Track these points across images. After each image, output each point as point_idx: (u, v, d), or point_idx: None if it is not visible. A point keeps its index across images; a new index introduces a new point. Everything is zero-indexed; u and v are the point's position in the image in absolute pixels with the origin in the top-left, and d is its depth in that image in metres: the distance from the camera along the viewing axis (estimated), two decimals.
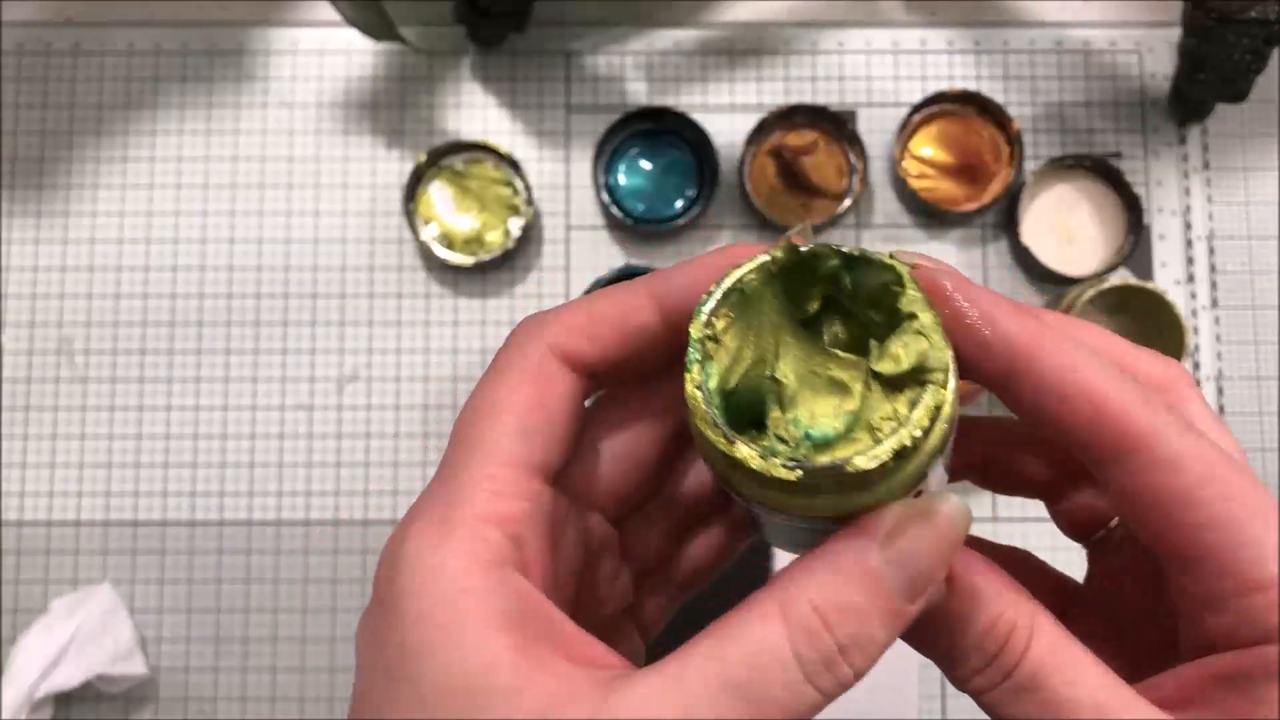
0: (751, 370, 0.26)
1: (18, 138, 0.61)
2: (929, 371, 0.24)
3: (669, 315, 0.27)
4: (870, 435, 0.25)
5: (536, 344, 0.26)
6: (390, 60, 0.61)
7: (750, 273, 0.26)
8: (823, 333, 0.27)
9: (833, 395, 0.26)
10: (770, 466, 0.24)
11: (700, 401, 0.25)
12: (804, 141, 0.59)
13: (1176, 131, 0.61)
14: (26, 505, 0.58)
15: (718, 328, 0.25)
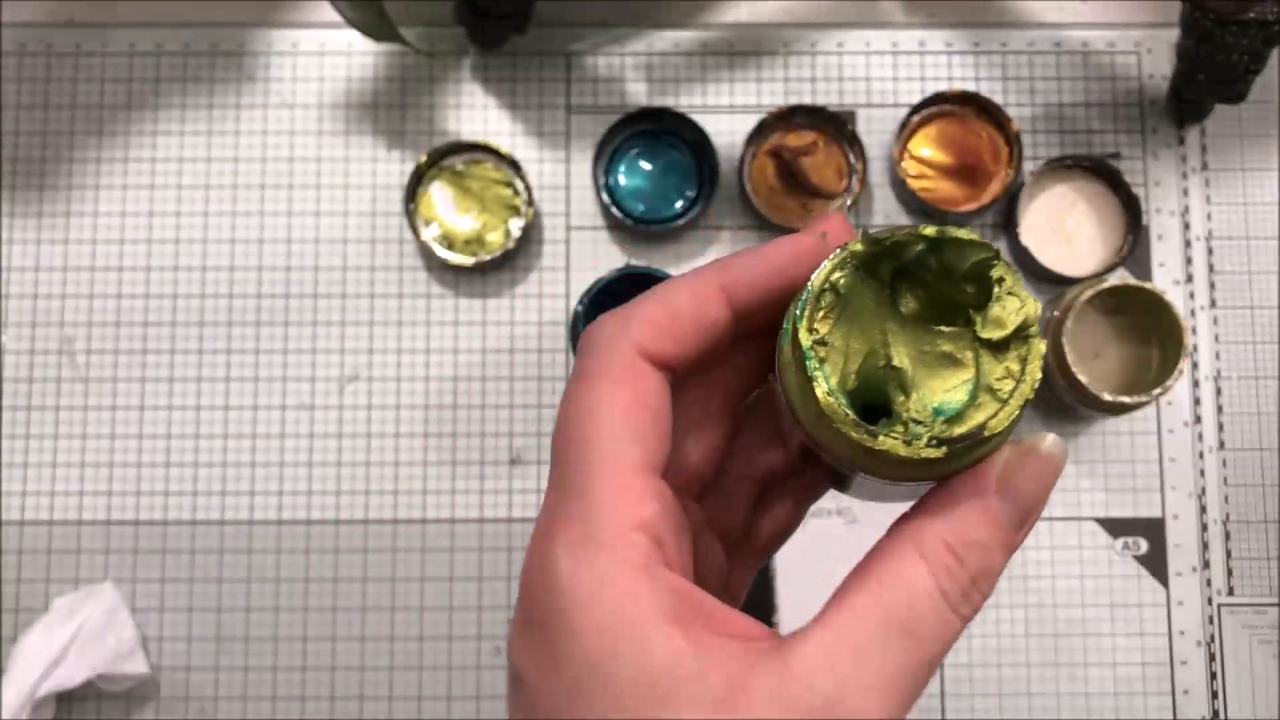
0: (866, 362, 0.28)
1: (19, 138, 0.61)
2: (1029, 326, 0.27)
3: (737, 307, 0.28)
4: (993, 397, 0.27)
5: (624, 345, 0.27)
6: (391, 61, 0.61)
7: (836, 270, 0.27)
8: (899, 304, 0.28)
9: (947, 369, 0.28)
10: (916, 450, 0.26)
11: (836, 407, 0.26)
12: (803, 142, 0.59)
13: (1175, 132, 0.61)
14: (28, 505, 0.58)
15: (822, 331, 0.27)
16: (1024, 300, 0.27)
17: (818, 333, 0.27)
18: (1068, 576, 0.57)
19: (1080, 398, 0.53)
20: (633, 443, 0.26)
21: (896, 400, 0.28)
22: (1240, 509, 0.58)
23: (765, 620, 0.56)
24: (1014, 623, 0.57)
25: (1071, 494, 0.58)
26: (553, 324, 0.59)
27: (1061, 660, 0.57)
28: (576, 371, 0.27)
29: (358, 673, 0.57)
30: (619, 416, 0.26)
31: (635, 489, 0.25)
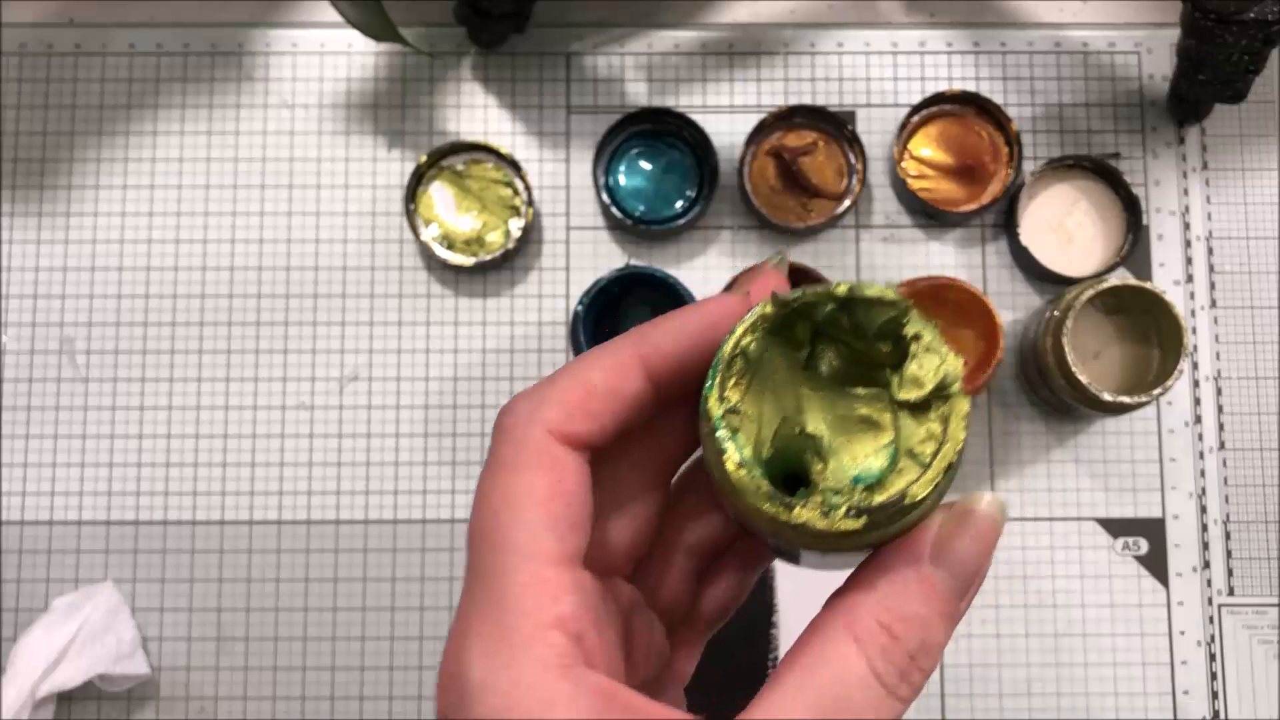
0: (781, 430, 0.26)
1: (19, 138, 0.61)
2: (951, 384, 0.25)
3: (658, 376, 0.27)
4: (915, 461, 0.25)
5: (536, 431, 0.26)
6: (391, 61, 0.61)
7: (747, 335, 0.26)
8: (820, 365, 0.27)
9: (866, 433, 0.26)
10: (834, 522, 0.24)
11: (747, 479, 0.24)
12: (803, 142, 0.59)
13: (1175, 132, 0.61)
14: (28, 505, 0.58)
15: (733, 399, 0.25)
16: (944, 357, 0.25)
17: (729, 401, 0.25)
18: (1068, 576, 0.57)
19: (1080, 398, 0.53)
20: (547, 534, 0.25)
21: (814, 469, 0.26)
22: (1240, 509, 0.58)
23: (765, 620, 0.56)
24: (1014, 622, 0.57)
25: (1072, 494, 0.58)
26: (552, 324, 0.59)
27: (1062, 660, 0.57)
28: (490, 460, 0.26)
29: (358, 673, 0.57)
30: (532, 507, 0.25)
31: (551, 583, 0.24)
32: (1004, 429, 0.59)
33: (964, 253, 0.60)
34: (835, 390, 0.27)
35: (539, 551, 0.24)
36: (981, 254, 0.60)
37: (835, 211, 0.59)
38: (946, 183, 0.60)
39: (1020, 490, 0.58)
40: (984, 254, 0.60)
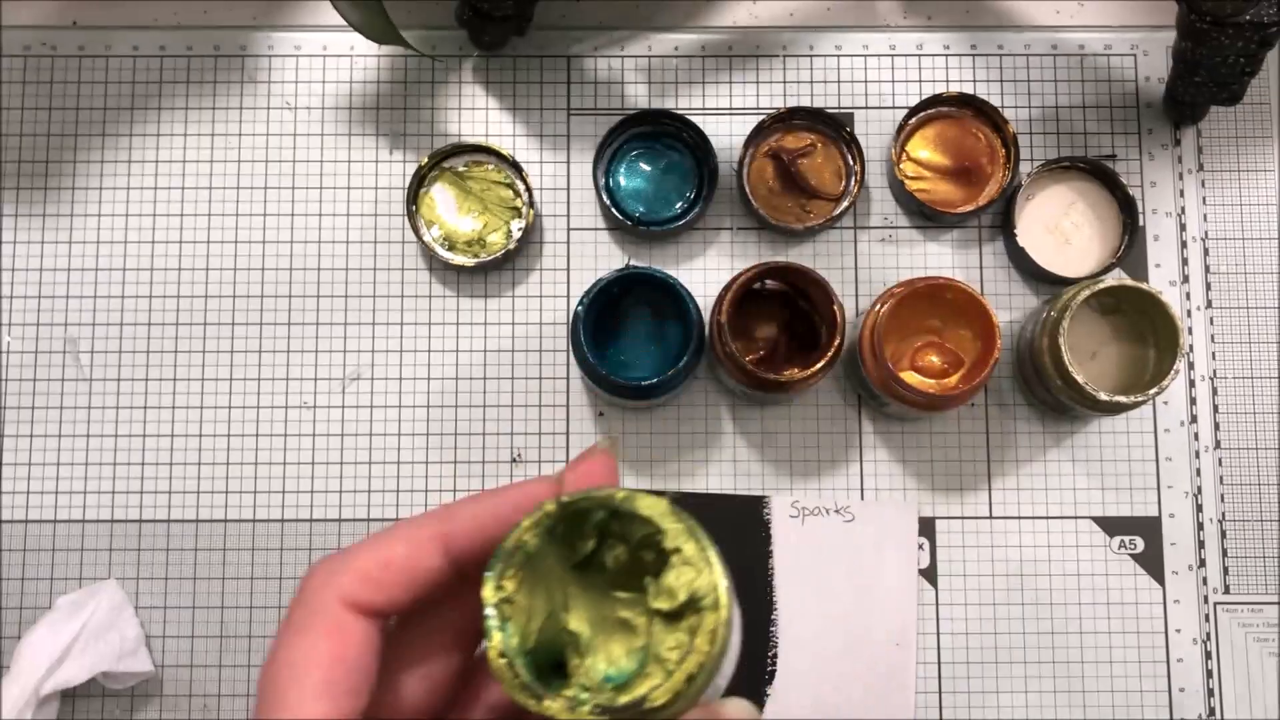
0: (547, 623, 0.28)
1: (23, 140, 0.61)
2: (702, 599, 0.27)
3: (454, 555, 0.28)
4: (662, 668, 0.27)
5: (329, 597, 0.27)
6: (393, 63, 0.62)
7: (528, 531, 0.27)
8: (606, 559, 0.29)
9: (623, 635, 0.28)
10: (581, 716, 0.26)
11: (505, 669, 0.26)
12: (802, 144, 0.60)
13: (1171, 134, 0.62)
14: (32, 503, 0.58)
15: (508, 589, 0.27)
16: (699, 571, 0.27)
17: (504, 590, 0.27)
18: (1064, 575, 0.58)
19: (1077, 397, 0.54)
20: (320, 699, 0.26)
21: (571, 663, 0.28)
22: (1236, 508, 0.58)
23: (764, 619, 0.56)
24: (1011, 621, 0.57)
25: (1068, 493, 0.58)
26: (553, 324, 0.60)
27: (1058, 658, 0.57)
28: (285, 620, 0.28)
29: None
30: (310, 672, 0.27)
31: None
32: (1001, 428, 0.59)
33: (961, 253, 0.60)
34: (600, 591, 0.29)
35: (304, 714, 0.26)
36: (979, 255, 0.60)
37: (833, 213, 0.59)
38: (944, 184, 0.60)
39: (1017, 489, 0.58)
40: (981, 255, 0.60)
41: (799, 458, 0.59)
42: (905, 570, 0.57)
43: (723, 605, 0.27)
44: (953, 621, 0.57)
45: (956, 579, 0.58)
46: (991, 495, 0.58)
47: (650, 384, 0.52)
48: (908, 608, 0.57)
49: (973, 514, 0.58)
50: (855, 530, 0.57)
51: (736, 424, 0.59)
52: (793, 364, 0.56)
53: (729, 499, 0.58)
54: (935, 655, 0.57)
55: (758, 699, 0.56)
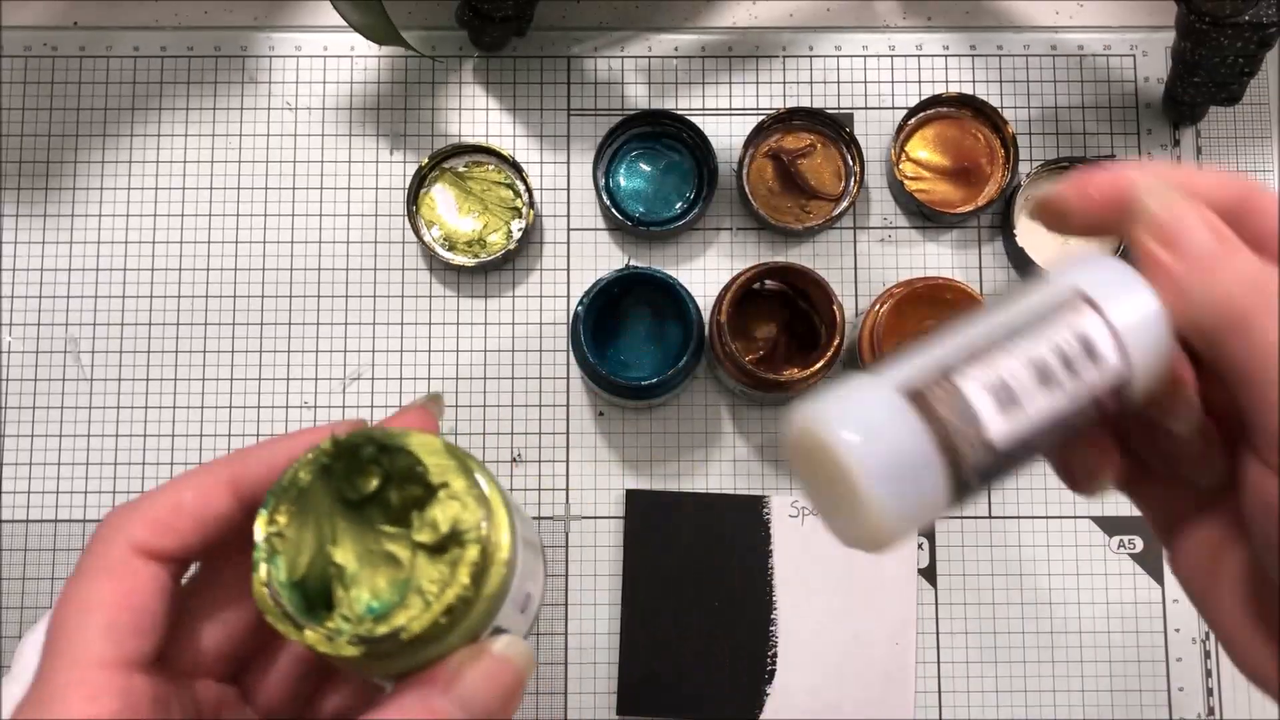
0: (316, 556, 0.29)
1: (24, 140, 0.61)
2: (465, 532, 0.27)
3: (245, 499, 0.29)
4: (421, 599, 0.27)
5: (118, 541, 0.28)
6: (393, 64, 0.62)
7: (303, 468, 0.28)
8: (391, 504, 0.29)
9: (389, 569, 0.29)
10: (337, 647, 0.26)
11: (267, 598, 0.27)
12: (801, 144, 0.60)
13: (1170, 134, 0.62)
14: (33, 503, 0.58)
15: (281, 523, 0.28)
16: (465, 506, 0.27)
17: (277, 524, 0.28)
18: (1064, 574, 0.58)
19: None
20: (101, 640, 0.27)
21: (337, 594, 0.29)
22: None
23: (764, 618, 0.56)
24: (1010, 620, 0.57)
25: (1068, 492, 0.58)
26: (553, 324, 0.60)
27: (1058, 658, 0.57)
28: (77, 564, 0.28)
29: None
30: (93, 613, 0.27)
31: (90, 685, 0.26)
32: None
33: (961, 254, 0.60)
34: (368, 526, 0.29)
35: (87, 655, 0.26)
36: (978, 255, 0.61)
37: (833, 213, 0.59)
38: (943, 184, 0.60)
39: (1016, 489, 0.59)
40: (980, 255, 0.61)
41: None
42: (905, 570, 0.57)
43: (497, 545, 0.27)
44: (952, 621, 0.57)
45: (956, 578, 0.58)
46: (990, 495, 0.58)
47: (650, 384, 0.53)
48: (907, 607, 0.57)
49: (972, 513, 0.58)
50: None
51: (736, 424, 0.59)
52: (792, 364, 0.56)
53: (729, 499, 0.58)
54: (935, 654, 0.57)
55: (758, 699, 0.56)
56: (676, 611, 0.57)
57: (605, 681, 0.57)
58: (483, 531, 0.27)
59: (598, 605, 0.57)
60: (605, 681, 0.57)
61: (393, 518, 0.29)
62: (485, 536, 0.27)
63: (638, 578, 0.57)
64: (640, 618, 0.57)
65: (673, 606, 0.57)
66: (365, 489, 0.29)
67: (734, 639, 0.56)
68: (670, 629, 0.57)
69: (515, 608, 0.29)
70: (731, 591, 0.57)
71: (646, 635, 0.56)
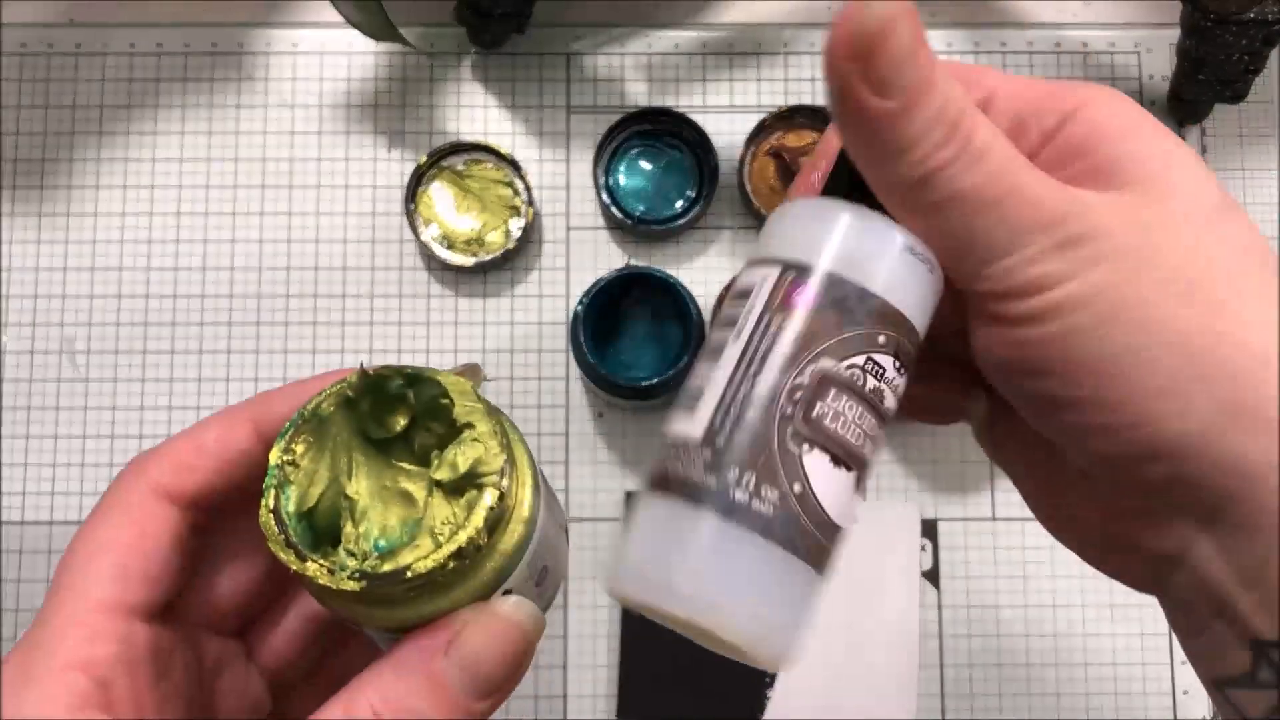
0: (329, 490, 0.28)
1: (19, 138, 0.61)
2: (484, 475, 0.26)
3: (267, 439, 0.28)
4: (431, 539, 0.26)
5: (138, 483, 0.27)
6: (391, 61, 0.62)
7: (325, 399, 0.27)
8: (414, 447, 0.28)
9: (401, 506, 0.28)
10: (337, 580, 0.25)
11: (272, 525, 0.26)
12: (803, 142, 0.60)
13: (1175, 132, 0.61)
14: (28, 505, 0.58)
15: (297, 452, 0.27)
16: (488, 449, 0.26)
17: (293, 453, 0.27)
18: (1067, 576, 0.57)
19: None
20: (108, 582, 0.26)
21: (345, 530, 0.27)
22: None
23: None
24: (1013, 622, 0.57)
25: None
26: (553, 324, 0.59)
27: (1061, 660, 0.57)
28: (94, 507, 0.28)
29: None
30: (104, 555, 0.26)
31: (88, 627, 0.25)
32: None
33: None
34: (386, 462, 0.28)
35: (90, 596, 0.26)
36: None
37: None
38: None
39: None
40: None
41: None
42: (908, 572, 0.57)
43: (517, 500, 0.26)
44: (955, 623, 0.57)
45: (959, 581, 0.57)
46: (994, 497, 0.58)
47: (650, 384, 0.52)
48: (910, 610, 0.56)
49: (975, 515, 0.58)
50: (857, 532, 0.57)
51: None
52: None
53: None
54: (938, 657, 0.57)
55: (759, 699, 0.56)
56: None
57: (605, 684, 0.57)
58: (502, 478, 0.26)
59: (597, 606, 0.57)
60: (605, 684, 0.57)
61: (414, 459, 0.28)
62: (504, 485, 0.26)
63: None
64: (640, 619, 0.56)
65: None
66: (393, 428, 0.28)
67: None
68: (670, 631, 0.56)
69: (530, 577, 0.27)
70: None
71: (646, 637, 0.56)
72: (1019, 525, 0.58)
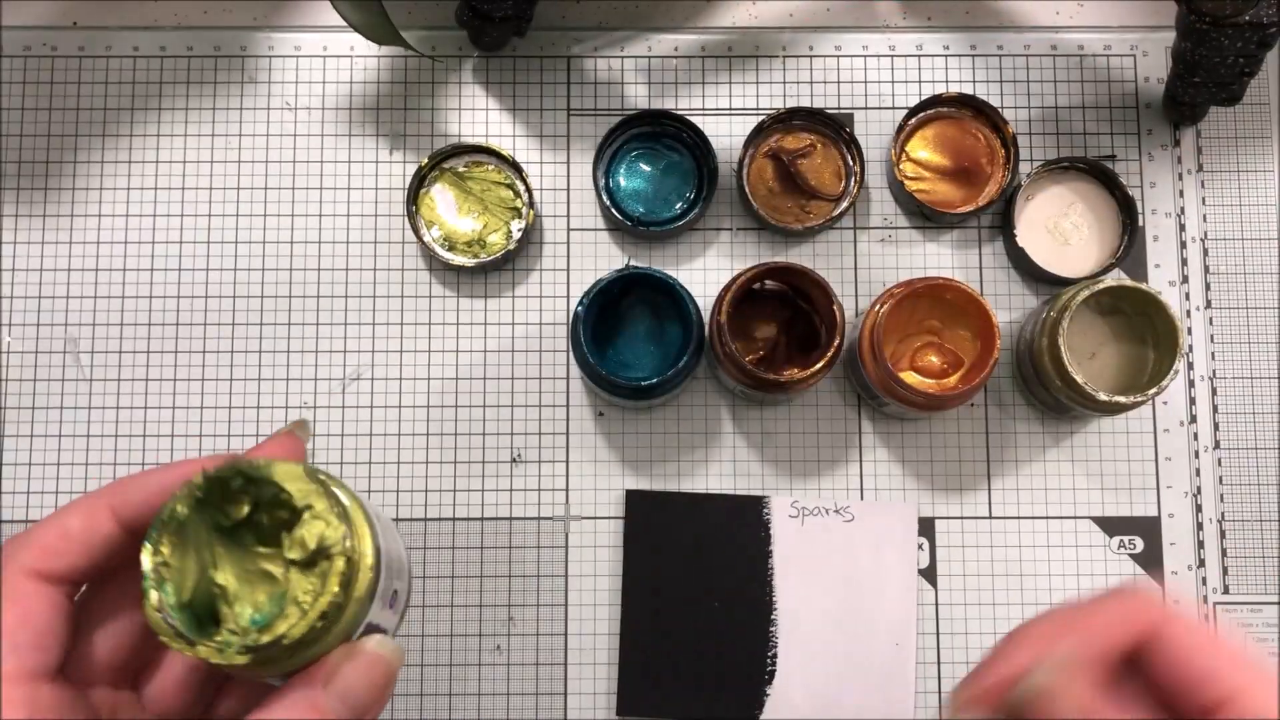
0: (200, 579, 0.32)
1: (23, 140, 0.61)
2: (330, 546, 0.31)
3: (128, 524, 0.32)
4: (298, 608, 0.31)
5: (12, 568, 0.31)
6: (393, 64, 0.62)
7: (179, 502, 0.32)
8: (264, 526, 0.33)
9: (267, 585, 0.33)
10: (227, 657, 0.30)
11: (160, 621, 0.31)
12: (801, 144, 0.60)
13: (1171, 134, 0.62)
14: (32, 504, 0.58)
15: (165, 553, 0.32)
16: (328, 524, 0.31)
17: (161, 554, 0.31)
18: (1064, 575, 0.58)
19: (1076, 397, 0.54)
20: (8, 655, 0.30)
21: (222, 611, 0.32)
22: (1236, 508, 0.59)
23: (764, 619, 0.56)
24: (1011, 621, 0.57)
25: (1068, 493, 0.59)
26: (553, 324, 0.60)
27: None
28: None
29: None
30: None
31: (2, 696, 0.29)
32: (1001, 429, 0.59)
33: (961, 254, 0.60)
34: (244, 549, 0.33)
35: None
36: (978, 255, 0.61)
37: (833, 213, 0.59)
38: (943, 184, 0.60)
39: (1017, 489, 0.59)
40: (981, 255, 0.61)
41: (799, 458, 0.59)
42: (905, 570, 0.57)
43: (361, 554, 0.32)
44: (952, 621, 0.57)
45: (956, 579, 0.58)
46: (991, 495, 0.58)
47: (650, 384, 0.53)
48: (907, 608, 0.57)
49: (972, 514, 0.58)
50: (855, 530, 0.57)
51: (736, 424, 0.59)
52: (792, 364, 0.56)
53: (729, 499, 0.58)
54: (935, 655, 0.57)
55: (758, 699, 0.56)
56: (676, 611, 0.57)
57: (605, 682, 0.57)
58: (346, 545, 0.31)
59: (598, 605, 0.57)
60: (605, 682, 0.57)
61: (265, 539, 0.33)
62: (350, 548, 0.31)
63: (638, 578, 0.57)
64: (640, 618, 0.57)
65: (673, 606, 0.57)
66: (237, 515, 0.33)
67: (734, 639, 0.56)
68: (670, 629, 0.57)
69: (383, 605, 0.33)
70: (731, 591, 0.57)
71: (646, 635, 0.56)
72: (1015, 524, 0.58)
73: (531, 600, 0.58)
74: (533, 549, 0.58)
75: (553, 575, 0.58)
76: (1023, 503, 0.59)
